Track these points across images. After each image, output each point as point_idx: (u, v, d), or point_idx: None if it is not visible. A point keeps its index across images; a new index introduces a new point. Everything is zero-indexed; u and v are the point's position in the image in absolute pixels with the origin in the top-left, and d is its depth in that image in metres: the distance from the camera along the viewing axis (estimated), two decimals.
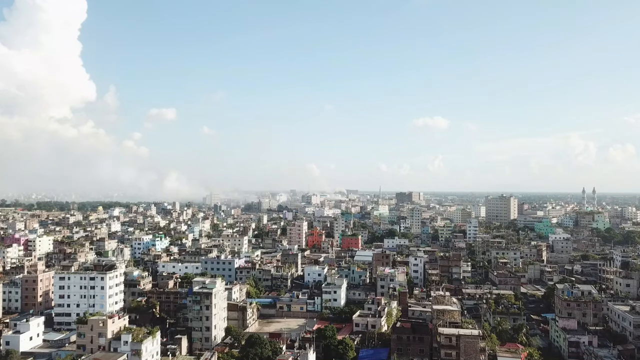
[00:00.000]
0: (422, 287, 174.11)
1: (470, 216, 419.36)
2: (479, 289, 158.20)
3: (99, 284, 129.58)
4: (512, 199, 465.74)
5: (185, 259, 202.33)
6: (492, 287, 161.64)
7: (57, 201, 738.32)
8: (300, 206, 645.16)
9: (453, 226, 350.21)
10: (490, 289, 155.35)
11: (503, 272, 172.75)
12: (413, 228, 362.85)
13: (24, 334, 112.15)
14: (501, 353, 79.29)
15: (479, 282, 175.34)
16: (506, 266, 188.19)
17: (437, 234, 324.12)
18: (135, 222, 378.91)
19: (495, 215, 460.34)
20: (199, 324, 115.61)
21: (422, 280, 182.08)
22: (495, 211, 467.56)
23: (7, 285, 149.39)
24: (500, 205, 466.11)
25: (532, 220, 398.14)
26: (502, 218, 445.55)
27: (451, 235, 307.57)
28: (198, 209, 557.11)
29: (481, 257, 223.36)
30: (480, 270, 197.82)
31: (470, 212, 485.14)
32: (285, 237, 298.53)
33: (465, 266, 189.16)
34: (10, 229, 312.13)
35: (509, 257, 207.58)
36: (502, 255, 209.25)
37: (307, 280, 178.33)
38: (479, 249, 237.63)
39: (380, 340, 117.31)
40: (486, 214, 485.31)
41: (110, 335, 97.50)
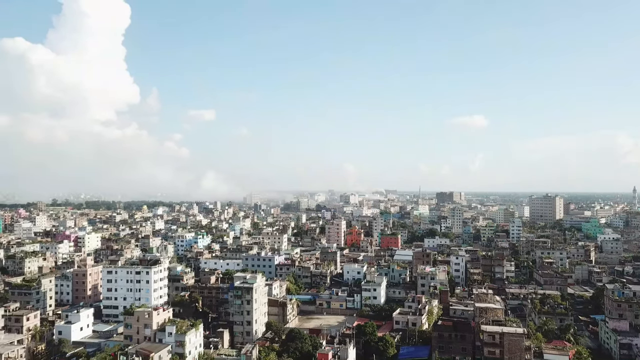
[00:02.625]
0: (463, 286, 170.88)
1: (513, 216, 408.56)
2: (523, 288, 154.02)
3: (144, 278, 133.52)
4: (558, 198, 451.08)
5: (227, 255, 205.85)
6: (537, 287, 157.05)
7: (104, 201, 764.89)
8: (339, 206, 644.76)
9: (495, 226, 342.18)
10: (535, 289, 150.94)
11: (549, 272, 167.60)
12: (454, 228, 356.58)
13: (75, 325, 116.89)
14: (547, 350, 76.77)
15: (523, 282, 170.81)
16: (552, 266, 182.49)
17: (479, 234, 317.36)
18: (178, 220, 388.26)
19: (539, 215, 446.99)
20: (240, 318, 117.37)
21: (463, 279, 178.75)
22: (540, 211, 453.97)
23: (59, 279, 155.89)
24: (545, 205, 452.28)
25: (579, 220, 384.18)
26: (547, 218, 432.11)
27: (493, 235, 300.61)
28: (238, 208, 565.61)
29: (525, 257, 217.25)
30: (524, 270, 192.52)
31: (513, 212, 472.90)
32: (324, 235, 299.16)
33: (508, 266, 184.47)
34: (61, 226, 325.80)
35: (554, 257, 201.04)
36: (547, 255, 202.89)
37: (346, 278, 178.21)
38: (523, 249, 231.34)
39: (421, 338, 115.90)
40: (530, 214, 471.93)
41: (155, 326, 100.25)
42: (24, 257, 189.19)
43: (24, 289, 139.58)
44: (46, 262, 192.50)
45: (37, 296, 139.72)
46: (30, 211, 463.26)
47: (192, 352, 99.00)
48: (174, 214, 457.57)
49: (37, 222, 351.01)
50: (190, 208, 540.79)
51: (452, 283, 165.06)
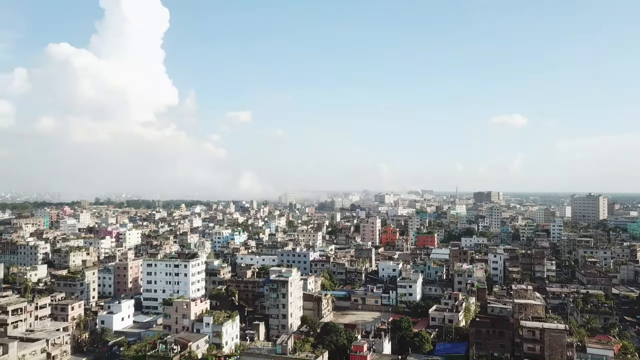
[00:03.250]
0: (502, 284, 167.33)
1: (554, 216, 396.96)
2: (564, 287, 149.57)
3: (182, 271, 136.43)
4: (602, 198, 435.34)
5: (262, 251, 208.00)
6: (580, 286, 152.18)
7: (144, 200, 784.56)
8: (374, 205, 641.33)
9: (535, 225, 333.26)
10: (577, 288, 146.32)
11: (592, 272, 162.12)
12: (492, 227, 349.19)
13: (116, 315, 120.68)
14: (591, 344, 74.08)
15: (565, 282, 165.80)
16: (595, 265, 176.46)
17: (518, 234, 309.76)
18: (215, 218, 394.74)
19: (582, 216, 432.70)
20: (275, 311, 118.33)
21: (502, 278, 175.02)
22: (582, 211, 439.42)
23: (102, 271, 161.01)
24: (587, 205, 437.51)
25: (624, 220, 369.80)
26: (590, 218, 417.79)
27: (533, 234, 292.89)
28: (274, 207, 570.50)
29: (567, 256, 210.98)
30: (566, 269, 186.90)
31: (554, 212, 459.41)
32: (359, 234, 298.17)
33: (549, 265, 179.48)
34: (103, 223, 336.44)
35: (598, 256, 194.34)
36: (590, 254, 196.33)
37: (381, 275, 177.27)
38: (565, 248, 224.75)
39: (458, 335, 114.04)
40: (572, 214, 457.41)
41: (193, 317, 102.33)
42: (69, 252, 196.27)
43: (68, 280, 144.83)
44: (89, 256, 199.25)
45: (81, 288, 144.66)
46: (74, 209, 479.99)
47: (229, 342, 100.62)
48: (212, 213, 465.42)
49: (81, 220, 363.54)
50: (227, 207, 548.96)
51: (490, 281, 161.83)
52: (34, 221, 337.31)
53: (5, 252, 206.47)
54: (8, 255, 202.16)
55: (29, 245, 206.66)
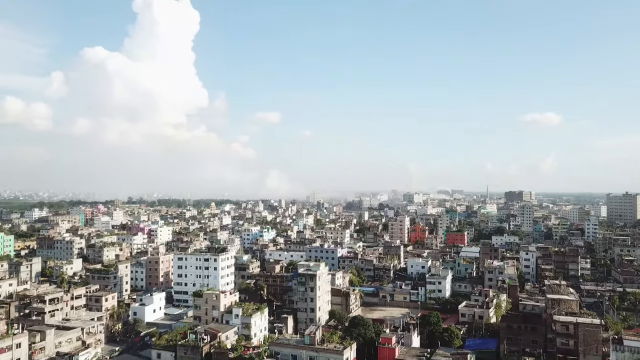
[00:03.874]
0: (534, 283, 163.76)
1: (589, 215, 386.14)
2: (599, 286, 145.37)
3: (212, 264, 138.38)
4: (639, 197, 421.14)
5: (291, 248, 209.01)
6: (616, 284, 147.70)
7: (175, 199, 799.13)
8: (402, 204, 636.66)
9: (569, 224, 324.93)
10: (613, 287, 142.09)
11: (629, 270, 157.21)
12: (524, 226, 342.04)
13: (148, 306, 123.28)
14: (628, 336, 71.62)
15: (600, 280, 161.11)
16: (632, 264, 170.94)
17: (551, 232, 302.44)
18: (244, 216, 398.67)
19: (618, 215, 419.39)
20: (304, 305, 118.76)
21: (534, 276, 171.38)
22: (619, 210, 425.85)
23: (134, 265, 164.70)
24: (624, 204, 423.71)
25: None
26: (627, 218, 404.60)
27: (567, 233, 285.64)
28: (302, 206, 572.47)
29: (602, 254, 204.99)
30: (601, 268, 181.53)
31: (588, 212, 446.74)
32: (387, 232, 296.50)
33: (583, 263, 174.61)
34: (136, 220, 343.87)
35: (635, 254, 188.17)
36: (627, 252, 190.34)
37: (410, 272, 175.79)
38: (600, 247, 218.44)
39: (488, 331, 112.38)
40: (607, 214, 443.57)
41: (222, 308, 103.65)
42: (103, 247, 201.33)
43: (102, 273, 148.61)
44: (122, 251, 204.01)
45: (114, 281, 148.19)
46: (108, 207, 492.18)
47: (258, 334, 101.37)
48: (241, 211, 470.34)
49: (115, 217, 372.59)
50: (256, 205, 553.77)
51: (521, 279, 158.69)
52: (70, 218, 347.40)
53: (42, 247, 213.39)
54: (45, 250, 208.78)
55: (65, 240, 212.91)
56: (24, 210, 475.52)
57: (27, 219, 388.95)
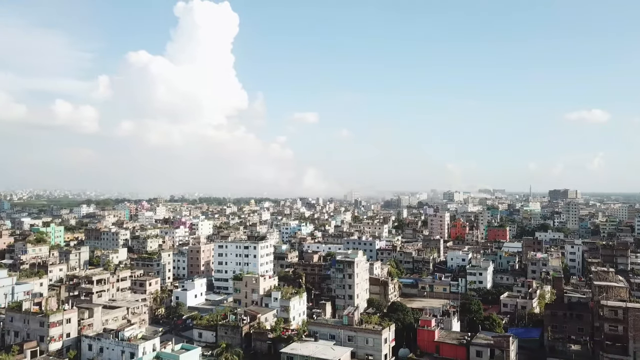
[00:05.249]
0: (580, 276, 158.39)
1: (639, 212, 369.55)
2: None
3: (251, 252, 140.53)
4: None
5: (328, 241, 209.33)
6: None
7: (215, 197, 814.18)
8: (442, 203, 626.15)
9: (617, 222, 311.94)
10: None
11: None
12: (569, 223, 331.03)
13: (190, 291, 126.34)
14: None
15: None
16: None
17: (598, 229, 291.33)
18: (282, 213, 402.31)
19: None
20: (342, 292, 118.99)
21: (580, 270, 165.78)
22: None
23: (176, 254, 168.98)
24: None
25: None
26: None
27: (615, 230, 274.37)
28: (339, 205, 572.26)
29: None
30: None
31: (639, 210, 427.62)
32: (426, 228, 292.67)
33: (633, 257, 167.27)
34: (178, 215, 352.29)
35: None
36: None
37: (450, 265, 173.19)
38: None
39: (531, 321, 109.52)
40: None
41: (262, 292, 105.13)
42: (146, 238, 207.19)
43: (146, 260, 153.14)
44: (165, 243, 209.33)
45: (158, 268, 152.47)
46: (151, 204, 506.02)
47: (296, 318, 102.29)
48: (279, 208, 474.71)
49: (157, 213, 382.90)
50: (294, 203, 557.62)
51: (566, 273, 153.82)
52: (115, 213, 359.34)
53: (90, 238, 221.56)
54: (93, 241, 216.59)
55: (111, 231, 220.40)
56: (72, 207, 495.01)
57: (75, 214, 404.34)
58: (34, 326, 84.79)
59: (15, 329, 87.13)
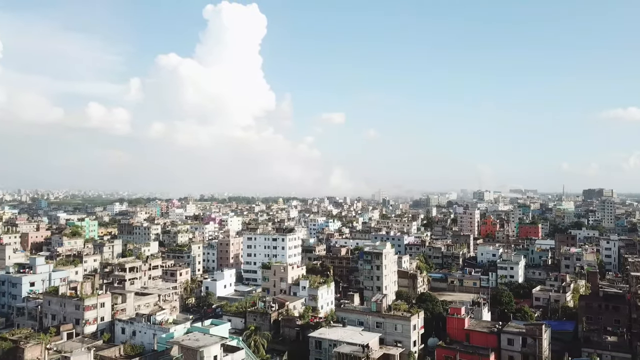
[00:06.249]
0: (616, 272, 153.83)
1: None
2: None
3: (279, 244, 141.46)
4: None
5: (356, 236, 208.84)
6: None
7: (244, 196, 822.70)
8: (472, 202, 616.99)
9: None
10: None
11: None
12: (605, 222, 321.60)
13: (219, 282, 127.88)
14: None
15: None
16: None
17: (635, 227, 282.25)
18: (310, 210, 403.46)
19: None
20: (370, 283, 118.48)
21: (616, 266, 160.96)
22: None
23: (206, 247, 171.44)
24: None
25: None
26: None
27: None
28: (367, 204, 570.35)
29: None
30: None
31: None
32: (456, 225, 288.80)
33: None
34: (208, 212, 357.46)
35: None
36: None
37: (480, 260, 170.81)
38: None
39: (565, 315, 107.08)
40: None
41: (290, 280, 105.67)
42: (177, 233, 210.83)
43: (177, 252, 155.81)
44: (195, 237, 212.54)
45: (188, 260, 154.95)
46: (182, 203, 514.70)
47: (324, 307, 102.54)
48: (307, 206, 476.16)
49: (188, 210, 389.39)
50: (321, 202, 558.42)
51: (602, 269, 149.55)
52: (147, 210, 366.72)
53: (123, 233, 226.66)
54: (125, 235, 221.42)
55: (143, 226, 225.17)
56: (106, 205, 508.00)
57: (109, 212, 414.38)
58: (70, 309, 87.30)
59: (52, 312, 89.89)
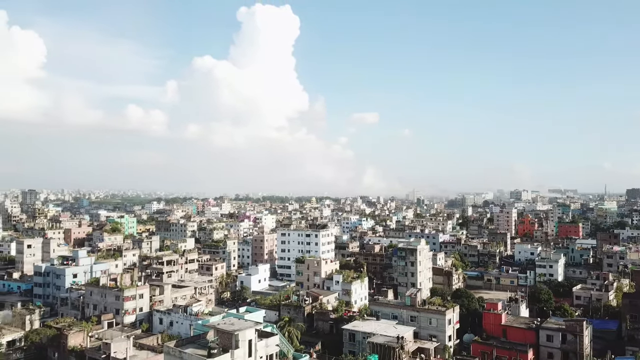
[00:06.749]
0: None
1: None
2: None
3: (313, 240, 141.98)
4: None
5: (390, 234, 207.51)
6: None
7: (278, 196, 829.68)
8: (509, 202, 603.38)
9: None
10: None
11: None
12: None
13: (254, 276, 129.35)
14: None
15: None
16: None
17: None
18: (343, 209, 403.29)
19: None
20: (404, 280, 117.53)
21: None
22: None
23: (241, 243, 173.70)
24: None
25: None
26: None
27: None
28: (401, 203, 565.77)
29: None
30: None
31: None
32: (492, 224, 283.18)
33: None
34: (243, 210, 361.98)
35: None
36: None
37: (517, 259, 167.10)
38: None
39: (607, 314, 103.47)
40: None
41: (323, 275, 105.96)
42: (213, 230, 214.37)
43: (213, 248, 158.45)
44: (230, 234, 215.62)
45: (223, 255, 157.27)
46: (217, 202, 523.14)
47: (358, 302, 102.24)
48: (340, 205, 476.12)
49: (223, 208, 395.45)
50: (354, 201, 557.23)
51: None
52: (184, 209, 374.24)
53: (160, 230, 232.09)
54: (163, 232, 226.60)
55: (180, 223, 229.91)
56: (144, 204, 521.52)
57: (147, 210, 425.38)
58: (110, 300, 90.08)
59: (93, 302, 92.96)
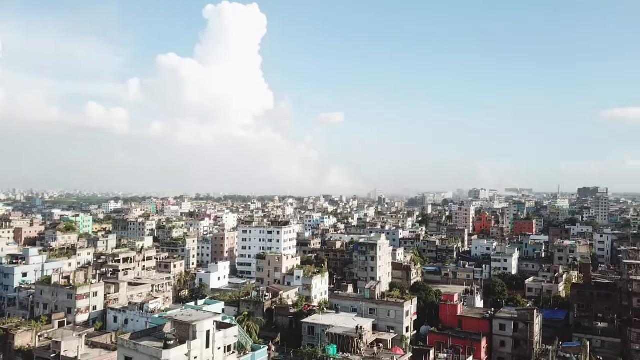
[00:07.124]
0: (609, 265, 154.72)
1: None
2: None
3: (275, 237, 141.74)
4: None
5: (351, 231, 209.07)
6: None
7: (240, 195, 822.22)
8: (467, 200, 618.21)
9: None
10: None
11: None
12: (598, 218, 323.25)
13: (213, 274, 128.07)
14: None
15: None
16: None
17: (629, 224, 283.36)
18: (306, 208, 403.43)
19: None
20: (364, 274, 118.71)
21: (609, 259, 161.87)
22: None
23: (201, 241, 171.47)
24: None
25: None
26: None
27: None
28: (363, 202, 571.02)
29: None
30: None
31: None
32: (451, 221, 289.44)
33: None
34: (203, 209, 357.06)
35: None
36: None
37: (474, 254, 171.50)
38: None
39: (557, 304, 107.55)
40: None
41: (284, 270, 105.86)
42: (172, 228, 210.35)
43: (171, 246, 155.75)
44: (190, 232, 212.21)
45: (182, 253, 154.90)
46: (177, 201, 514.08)
47: (318, 297, 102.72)
48: (303, 204, 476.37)
49: (183, 207, 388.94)
50: (317, 200, 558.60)
51: (595, 262, 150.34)
52: (142, 207, 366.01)
53: (118, 229, 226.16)
54: (120, 231, 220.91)
55: (137, 222, 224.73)
56: (101, 203, 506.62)
57: (104, 210, 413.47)
58: (62, 298, 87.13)
59: (44, 301, 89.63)
